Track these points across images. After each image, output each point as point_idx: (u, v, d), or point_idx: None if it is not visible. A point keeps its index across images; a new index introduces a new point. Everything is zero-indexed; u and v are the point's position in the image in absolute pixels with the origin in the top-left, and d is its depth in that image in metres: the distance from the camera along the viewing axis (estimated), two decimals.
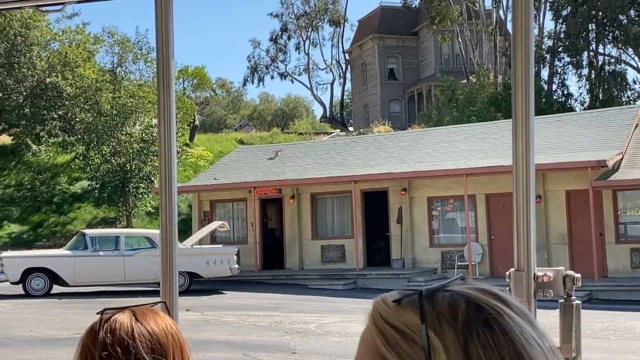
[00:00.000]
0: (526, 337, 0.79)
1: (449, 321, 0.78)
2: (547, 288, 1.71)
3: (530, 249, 1.72)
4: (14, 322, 15.48)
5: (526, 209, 1.73)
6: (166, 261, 2.16)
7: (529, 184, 1.73)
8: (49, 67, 38.14)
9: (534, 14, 1.70)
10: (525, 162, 1.73)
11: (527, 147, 1.73)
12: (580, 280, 1.72)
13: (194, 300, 19.46)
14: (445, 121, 39.42)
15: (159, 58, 2.14)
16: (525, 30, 1.75)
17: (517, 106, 1.75)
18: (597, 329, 14.15)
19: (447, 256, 23.33)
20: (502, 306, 0.81)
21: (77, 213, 36.68)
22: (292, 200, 25.69)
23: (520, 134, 1.74)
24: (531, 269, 1.71)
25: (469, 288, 0.84)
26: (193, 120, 43.68)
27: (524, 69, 1.74)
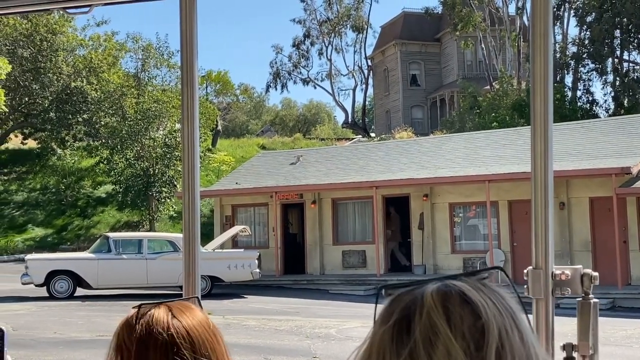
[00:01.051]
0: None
1: None
2: (564, 286, 1.73)
3: (548, 246, 1.74)
4: (38, 324, 15.65)
5: (544, 207, 1.75)
6: (189, 261, 2.20)
7: (547, 183, 1.75)
8: (74, 72, 38.55)
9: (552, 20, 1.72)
10: (544, 162, 1.75)
11: (545, 149, 1.75)
12: (597, 278, 1.74)
13: (215, 304, 19.53)
14: (468, 127, 39.29)
15: (183, 61, 2.19)
16: (544, 36, 1.77)
17: (535, 111, 1.77)
18: (619, 336, 14.04)
19: (469, 262, 23.22)
20: (489, 301, 0.87)
21: (101, 217, 37.00)
22: (313, 205, 25.72)
23: (539, 136, 1.76)
24: (549, 266, 1.73)
25: (468, 282, 0.89)
26: (216, 126, 43.93)
27: (543, 74, 1.76)
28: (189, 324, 1.40)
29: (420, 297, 0.85)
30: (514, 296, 0.89)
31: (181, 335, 1.37)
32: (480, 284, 0.88)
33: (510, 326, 0.84)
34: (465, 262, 23.30)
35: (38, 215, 36.70)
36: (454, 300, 0.84)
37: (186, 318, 1.41)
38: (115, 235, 23.48)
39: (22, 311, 17.57)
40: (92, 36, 40.92)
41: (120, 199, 35.42)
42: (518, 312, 0.87)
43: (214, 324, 1.46)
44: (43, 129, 39.11)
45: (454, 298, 0.84)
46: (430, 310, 0.83)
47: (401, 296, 0.87)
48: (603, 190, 20.57)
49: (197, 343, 1.39)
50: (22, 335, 13.40)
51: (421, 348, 0.81)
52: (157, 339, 1.36)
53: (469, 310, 0.83)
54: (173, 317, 1.40)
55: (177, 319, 1.40)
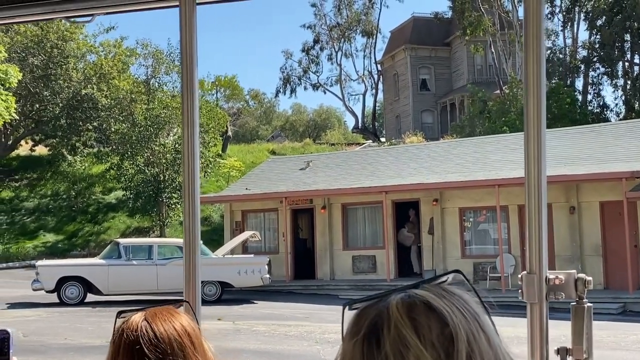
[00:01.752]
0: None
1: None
2: (558, 290, 1.74)
3: (542, 251, 1.75)
4: (49, 329, 15.72)
5: (538, 212, 1.76)
6: (189, 266, 2.22)
7: (540, 188, 1.76)
8: (84, 79, 38.76)
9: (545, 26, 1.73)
10: (537, 168, 1.76)
11: (539, 154, 1.76)
12: (591, 283, 1.75)
13: (225, 309, 19.56)
14: (478, 132, 39.23)
15: (183, 70, 2.21)
16: (537, 41, 1.78)
17: (528, 116, 1.78)
18: (630, 341, 13.96)
19: (479, 267, 23.16)
20: (448, 306, 0.88)
21: (112, 223, 37.14)
22: (323, 210, 25.73)
23: (532, 142, 1.77)
24: (543, 271, 1.74)
25: (430, 289, 0.89)
26: (226, 131, 44.02)
27: (536, 80, 1.78)
28: (159, 328, 1.46)
29: (386, 310, 0.85)
30: (475, 299, 0.90)
31: (148, 338, 1.43)
32: (442, 290, 0.87)
33: (476, 330, 0.85)
34: (476, 266, 23.24)
35: (49, 221, 36.87)
36: (419, 310, 0.84)
37: (159, 322, 1.47)
38: (126, 241, 23.55)
39: (33, 317, 17.65)
40: (102, 42, 41.16)
41: (130, 205, 35.55)
42: (482, 315, 0.88)
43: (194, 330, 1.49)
44: (54, 135, 39.32)
45: (419, 308, 0.84)
46: (398, 322, 0.83)
47: (366, 310, 0.88)
48: (613, 194, 20.49)
49: (165, 346, 1.43)
50: (33, 341, 13.47)
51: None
52: (126, 341, 1.44)
53: (435, 319, 0.84)
54: (144, 321, 1.46)
55: (149, 323, 1.46)
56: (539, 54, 1.78)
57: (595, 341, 7.03)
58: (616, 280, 20.52)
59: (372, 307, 0.88)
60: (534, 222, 1.76)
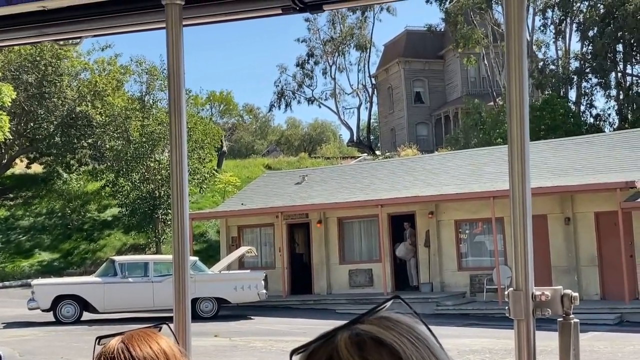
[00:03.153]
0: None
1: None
2: (545, 307, 1.74)
3: (528, 268, 1.76)
4: (45, 349, 15.65)
5: (523, 229, 1.76)
6: (179, 285, 2.22)
7: (525, 204, 1.77)
8: (79, 97, 38.78)
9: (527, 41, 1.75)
10: (521, 183, 1.77)
11: (522, 170, 1.77)
12: (577, 299, 1.75)
13: (222, 325, 19.51)
14: (472, 144, 39.31)
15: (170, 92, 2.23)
16: (519, 57, 1.80)
17: (512, 130, 1.79)
18: (628, 352, 13.95)
19: (475, 280, 23.16)
20: (395, 338, 0.85)
21: (107, 240, 37.06)
22: (319, 224, 25.72)
23: (516, 157, 1.78)
24: (529, 288, 1.75)
25: (373, 321, 0.87)
26: (221, 146, 44.03)
27: (519, 94, 1.79)
28: (136, 350, 1.48)
29: (335, 351, 0.82)
30: (417, 321, 0.89)
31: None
32: (387, 321, 0.85)
33: (428, 356, 0.84)
34: (472, 278, 23.23)
35: (44, 239, 36.78)
36: (369, 348, 0.82)
37: (135, 345, 1.49)
38: (121, 258, 23.50)
39: (29, 336, 17.57)
40: (96, 60, 41.23)
41: (126, 222, 35.48)
42: (429, 339, 0.86)
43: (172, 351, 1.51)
44: (48, 153, 39.30)
45: (369, 345, 0.82)
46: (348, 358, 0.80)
47: (314, 354, 0.85)
48: (608, 204, 20.52)
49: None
50: None
51: None
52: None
53: (387, 354, 0.82)
54: (121, 344, 1.49)
55: (126, 345, 1.48)
56: (521, 74, 1.79)
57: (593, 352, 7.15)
58: (612, 291, 20.52)
59: (320, 350, 0.85)
60: (520, 238, 1.77)
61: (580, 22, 44.25)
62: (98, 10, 2.28)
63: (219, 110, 62.07)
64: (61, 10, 2.29)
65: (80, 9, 2.29)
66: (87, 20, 2.33)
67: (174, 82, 2.22)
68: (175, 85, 2.22)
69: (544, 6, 45.54)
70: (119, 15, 2.29)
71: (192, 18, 2.27)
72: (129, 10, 2.27)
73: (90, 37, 2.42)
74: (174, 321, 2.20)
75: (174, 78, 2.22)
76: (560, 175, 22.71)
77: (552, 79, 43.62)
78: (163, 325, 1.59)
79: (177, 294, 2.23)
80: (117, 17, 2.30)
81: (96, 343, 1.55)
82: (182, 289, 2.24)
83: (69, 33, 2.45)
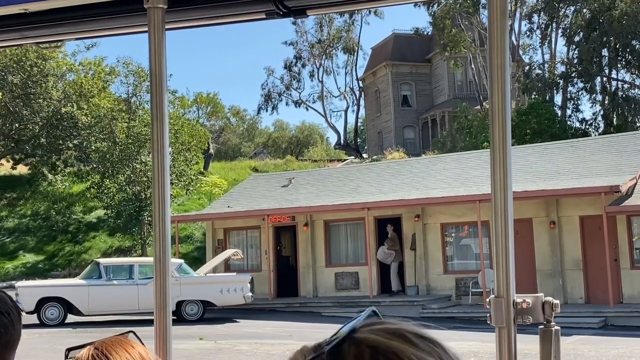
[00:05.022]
0: None
1: None
2: (526, 314, 1.74)
3: (509, 275, 1.76)
4: (28, 351, 15.53)
5: (505, 237, 1.76)
6: (160, 290, 2.20)
7: (507, 211, 1.77)
8: (64, 97, 38.60)
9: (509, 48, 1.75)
10: (503, 190, 1.77)
11: (504, 176, 1.77)
12: (559, 306, 1.75)
13: (207, 328, 19.46)
14: (459, 147, 39.44)
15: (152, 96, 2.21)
16: (502, 63, 1.80)
17: (494, 136, 1.79)
18: (612, 355, 14.02)
19: (461, 283, 23.22)
20: (411, 349, 0.82)
21: (93, 242, 36.88)
22: (305, 227, 25.71)
23: (498, 163, 1.78)
24: (510, 295, 1.75)
25: (378, 332, 0.84)
26: (207, 149, 43.94)
27: (501, 100, 1.79)
28: (114, 356, 1.46)
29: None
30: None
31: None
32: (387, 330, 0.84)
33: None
34: (458, 282, 23.29)
35: (29, 241, 36.55)
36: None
37: (112, 351, 1.47)
38: (106, 261, 23.39)
39: None
40: (81, 61, 41.04)
41: (111, 224, 35.33)
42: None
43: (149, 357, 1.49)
44: (33, 154, 39.08)
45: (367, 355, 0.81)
46: None
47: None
48: (593, 208, 20.64)
49: None
50: None
51: None
52: None
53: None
54: (96, 350, 1.47)
55: (102, 352, 1.46)
56: (504, 80, 1.79)
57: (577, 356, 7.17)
58: (597, 295, 20.63)
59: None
60: (501, 244, 1.76)
61: (566, 27, 44.51)
62: (80, 13, 2.26)
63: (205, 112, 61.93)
64: (43, 13, 2.27)
65: (62, 12, 2.28)
66: (69, 24, 2.31)
67: (156, 85, 2.21)
68: (158, 89, 2.21)
69: (530, 11, 45.78)
70: (101, 19, 2.28)
71: (175, 22, 2.26)
72: (111, 13, 2.25)
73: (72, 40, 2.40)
74: (155, 324, 2.18)
75: (156, 82, 2.21)
76: (546, 179, 22.81)
77: (538, 83, 43.84)
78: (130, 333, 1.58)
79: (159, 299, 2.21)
80: (99, 20, 2.28)
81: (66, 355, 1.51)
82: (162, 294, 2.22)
83: (51, 36, 2.44)
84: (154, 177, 2.22)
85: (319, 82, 60.44)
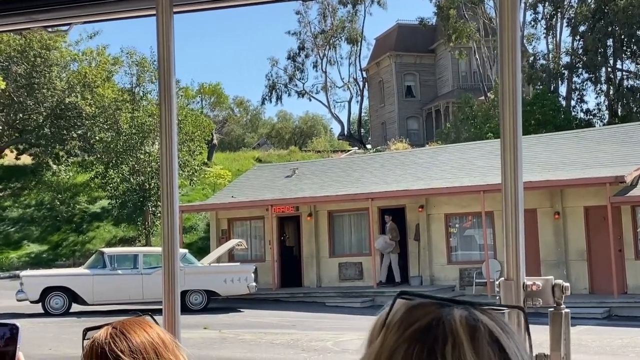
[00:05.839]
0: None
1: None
2: (536, 297, 1.74)
3: (519, 258, 1.75)
4: (33, 340, 15.59)
5: (515, 219, 1.76)
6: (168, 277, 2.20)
7: (517, 194, 1.76)
8: (68, 88, 38.59)
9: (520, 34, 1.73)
10: (514, 174, 1.76)
11: (515, 160, 1.76)
12: (569, 289, 1.75)
13: (211, 318, 19.51)
14: (463, 138, 39.37)
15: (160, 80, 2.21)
16: (512, 50, 1.79)
17: (504, 123, 1.78)
18: (616, 345, 14.02)
19: (465, 273, 23.23)
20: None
21: (97, 232, 36.94)
22: (309, 218, 25.72)
23: (509, 148, 1.77)
24: (520, 278, 1.74)
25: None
26: (211, 139, 43.92)
27: (511, 87, 1.78)
28: (134, 337, 1.47)
29: (448, 323, 0.79)
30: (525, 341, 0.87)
31: (121, 349, 1.45)
32: (503, 323, 0.82)
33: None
34: (462, 272, 23.30)
35: (33, 231, 36.62)
36: (483, 338, 0.78)
37: (131, 332, 1.48)
38: (111, 250, 23.44)
39: None
40: (85, 51, 41.00)
41: (116, 214, 35.37)
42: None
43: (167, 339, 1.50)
44: (37, 144, 39.09)
45: (483, 335, 0.79)
46: (461, 344, 0.78)
47: (423, 308, 0.82)
48: (597, 199, 20.62)
49: (139, 354, 1.45)
50: None
51: None
52: (99, 354, 1.46)
53: (497, 353, 0.79)
54: (115, 330, 1.49)
55: (122, 332, 1.48)
56: (514, 64, 1.78)
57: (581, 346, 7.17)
58: (601, 285, 20.63)
59: (430, 308, 0.82)
60: (511, 228, 1.76)
61: (571, 17, 44.33)
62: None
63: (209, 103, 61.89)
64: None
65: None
66: (77, 7, 2.30)
67: (164, 70, 2.20)
68: (166, 74, 2.20)
69: (534, 1, 45.59)
70: (110, 2, 2.27)
71: (182, 5, 2.25)
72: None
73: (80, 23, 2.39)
74: (163, 313, 2.18)
75: (164, 66, 2.20)
76: (550, 169, 22.77)
77: (542, 74, 43.72)
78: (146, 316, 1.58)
79: (167, 284, 2.21)
80: (108, 3, 2.28)
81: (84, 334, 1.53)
82: (171, 280, 2.22)
83: (59, 19, 2.43)
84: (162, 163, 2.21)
85: (323, 73, 60.36)
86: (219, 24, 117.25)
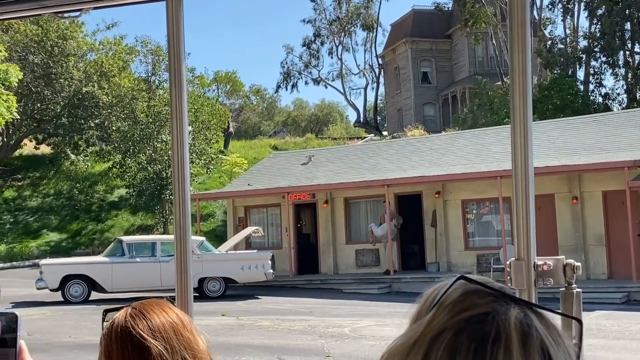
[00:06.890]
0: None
1: None
2: (547, 277, 1.73)
3: (530, 238, 1.74)
4: (53, 328, 15.75)
5: (525, 199, 1.75)
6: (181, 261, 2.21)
7: (527, 175, 1.75)
8: (85, 77, 38.77)
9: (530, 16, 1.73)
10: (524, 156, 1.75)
11: (525, 142, 1.75)
12: (580, 268, 1.74)
13: (229, 305, 19.60)
14: (480, 124, 39.17)
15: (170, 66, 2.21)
16: (522, 31, 1.78)
17: (515, 106, 1.77)
18: (635, 330, 13.95)
19: (482, 259, 23.16)
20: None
21: (115, 221, 37.19)
22: (325, 205, 25.73)
23: (519, 131, 1.76)
24: (531, 257, 1.74)
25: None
26: (227, 127, 44.01)
27: (521, 70, 1.77)
28: (154, 317, 1.50)
29: (502, 323, 0.76)
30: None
31: (141, 328, 1.47)
32: (557, 333, 0.79)
33: None
34: (479, 258, 23.25)
35: (52, 220, 36.92)
36: (534, 348, 0.75)
37: (152, 312, 1.51)
38: (129, 238, 23.58)
39: (37, 316, 17.68)
40: (102, 40, 41.17)
41: (133, 203, 35.58)
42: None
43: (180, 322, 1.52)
44: (56, 134, 39.36)
45: (535, 345, 0.76)
46: (511, 350, 0.75)
47: (480, 297, 0.79)
48: (616, 183, 20.47)
49: (159, 335, 1.47)
50: (37, 340, 13.50)
51: None
52: (120, 334, 1.49)
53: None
54: (136, 310, 1.52)
55: (142, 313, 1.51)
56: (524, 47, 1.77)
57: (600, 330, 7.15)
58: (620, 270, 20.51)
59: (486, 298, 0.79)
60: (522, 209, 1.75)
61: (588, 1, 43.89)
62: None
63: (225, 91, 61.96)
64: None
65: None
66: None
67: (174, 55, 2.21)
68: (176, 59, 2.21)
69: None
70: None
71: None
72: None
73: (90, 9, 2.39)
74: (176, 298, 2.19)
75: (174, 51, 2.20)
76: (568, 154, 22.63)
77: (560, 58, 43.35)
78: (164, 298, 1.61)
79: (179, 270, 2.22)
80: None
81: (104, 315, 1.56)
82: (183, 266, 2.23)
83: (69, 5, 2.43)
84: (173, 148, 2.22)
85: (338, 60, 60.29)
86: (233, 11, 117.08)
